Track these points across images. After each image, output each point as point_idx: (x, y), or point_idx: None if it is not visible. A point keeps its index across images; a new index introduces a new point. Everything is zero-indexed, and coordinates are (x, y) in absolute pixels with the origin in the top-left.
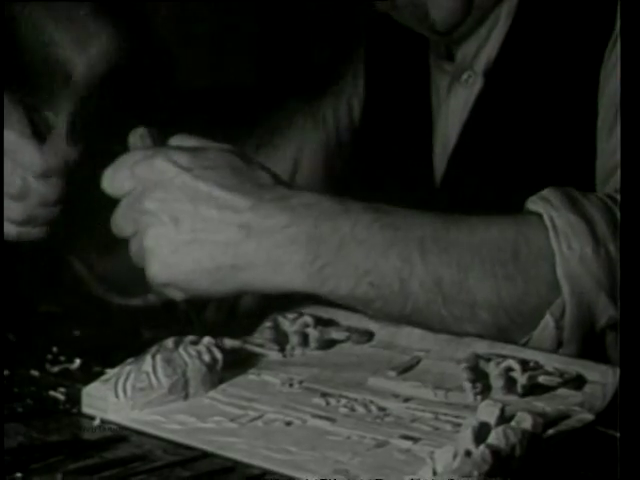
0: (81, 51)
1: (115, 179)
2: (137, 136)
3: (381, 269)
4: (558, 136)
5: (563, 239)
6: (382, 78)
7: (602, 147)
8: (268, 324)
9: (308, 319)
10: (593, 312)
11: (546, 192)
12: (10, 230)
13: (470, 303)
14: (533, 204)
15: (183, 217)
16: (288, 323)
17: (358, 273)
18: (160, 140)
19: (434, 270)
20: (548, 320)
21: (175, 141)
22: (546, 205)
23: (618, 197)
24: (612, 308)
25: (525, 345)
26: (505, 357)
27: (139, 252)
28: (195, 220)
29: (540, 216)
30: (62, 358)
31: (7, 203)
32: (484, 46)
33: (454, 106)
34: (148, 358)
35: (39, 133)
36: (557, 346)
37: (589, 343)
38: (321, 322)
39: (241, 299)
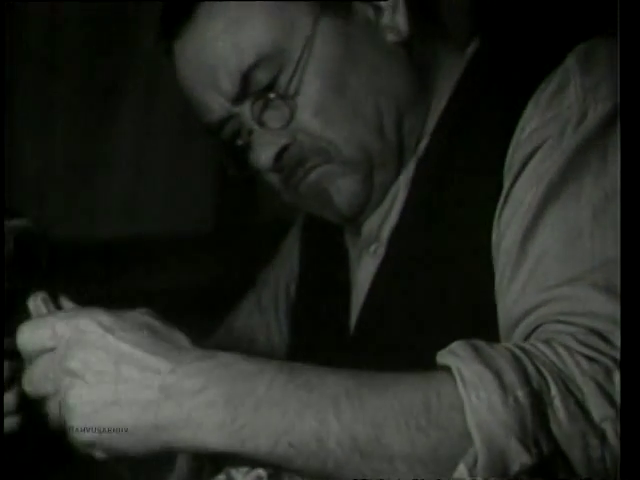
0: None
1: (34, 337)
2: (39, 301)
3: (298, 429)
4: (456, 293)
5: (471, 389)
6: (313, 258)
7: (503, 300)
8: (221, 477)
9: (261, 472)
10: (505, 459)
11: (454, 345)
12: None
13: (388, 457)
14: (442, 358)
15: (105, 378)
16: (240, 476)
17: (277, 433)
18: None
19: (349, 428)
20: (462, 469)
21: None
22: (454, 358)
23: (526, 346)
24: (524, 454)
25: None
26: None
27: (60, 411)
28: (117, 381)
29: (449, 369)
30: None
31: None
32: (388, 217)
33: (362, 276)
34: None
35: None
36: None
37: None
38: (274, 475)
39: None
